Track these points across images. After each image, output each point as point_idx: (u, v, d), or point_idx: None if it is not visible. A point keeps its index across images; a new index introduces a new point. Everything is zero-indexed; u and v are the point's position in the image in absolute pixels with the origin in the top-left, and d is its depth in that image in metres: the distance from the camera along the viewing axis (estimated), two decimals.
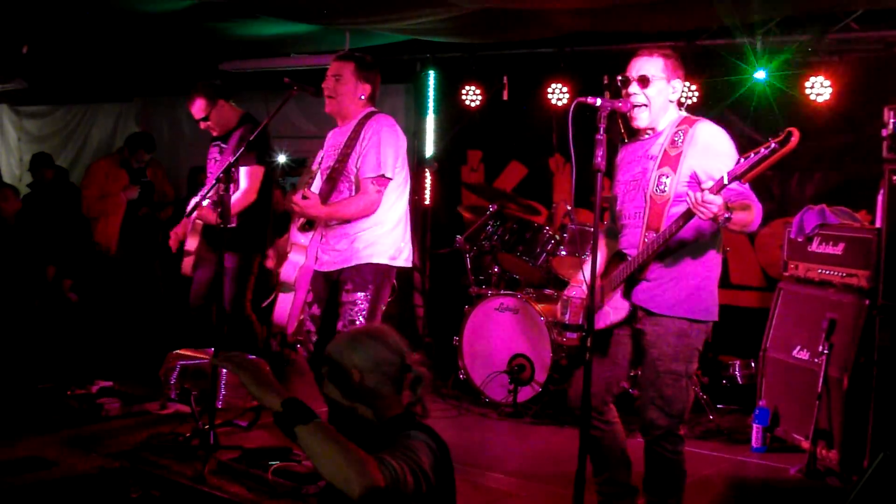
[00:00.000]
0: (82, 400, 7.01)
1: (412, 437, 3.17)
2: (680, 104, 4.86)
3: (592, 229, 4.42)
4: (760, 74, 8.21)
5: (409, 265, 6.12)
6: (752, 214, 4.42)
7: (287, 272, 5.96)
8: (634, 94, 4.69)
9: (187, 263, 7.29)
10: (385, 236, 5.87)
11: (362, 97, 6.00)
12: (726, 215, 4.15)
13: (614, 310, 4.77)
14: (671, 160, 4.61)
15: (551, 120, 9.52)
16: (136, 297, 9.61)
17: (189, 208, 6.88)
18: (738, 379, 7.85)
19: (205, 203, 6.88)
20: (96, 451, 6.04)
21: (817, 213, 6.94)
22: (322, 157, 6.08)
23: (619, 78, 4.75)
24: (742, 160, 4.06)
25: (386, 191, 5.83)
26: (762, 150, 3.99)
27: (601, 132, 4.22)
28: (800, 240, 6.95)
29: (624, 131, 6.48)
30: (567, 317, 7.86)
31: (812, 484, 6.20)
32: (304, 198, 5.72)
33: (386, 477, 2.92)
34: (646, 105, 4.69)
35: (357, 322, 5.74)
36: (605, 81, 7.97)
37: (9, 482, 5.22)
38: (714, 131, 4.66)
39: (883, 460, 2.71)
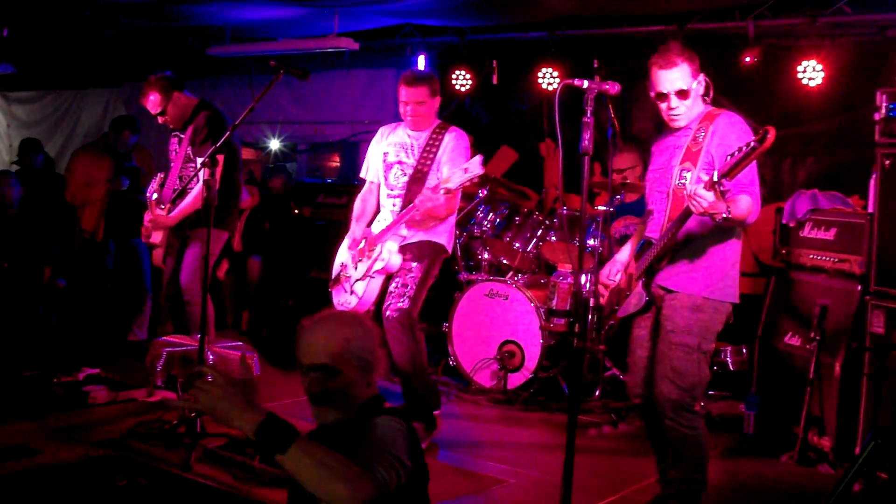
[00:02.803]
0: (68, 387, 6.98)
1: (387, 427, 3.12)
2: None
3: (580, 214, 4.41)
4: (751, 57, 8.17)
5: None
6: (747, 210, 4.53)
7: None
8: (676, 107, 4.80)
9: (157, 256, 7.31)
10: (445, 223, 6.52)
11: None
12: (724, 215, 4.29)
13: (636, 300, 4.93)
14: (692, 155, 4.73)
15: (542, 104, 9.48)
16: (122, 284, 9.55)
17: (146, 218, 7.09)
18: (730, 365, 7.82)
19: (154, 196, 7.10)
20: (82, 438, 6.00)
21: (809, 198, 6.90)
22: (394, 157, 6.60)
23: (654, 94, 4.85)
24: (728, 157, 4.19)
25: None
26: (743, 148, 4.13)
27: (588, 115, 4.19)
28: (791, 225, 6.91)
29: (614, 119, 6.46)
30: (554, 302, 7.87)
31: (803, 470, 6.18)
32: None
33: (376, 486, 2.89)
34: (686, 114, 4.83)
35: (409, 286, 6.28)
36: (595, 65, 7.91)
37: None
38: (728, 124, 4.75)
39: (874, 448, 2.67)
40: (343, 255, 6.65)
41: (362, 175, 6.80)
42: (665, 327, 4.79)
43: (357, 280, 6.43)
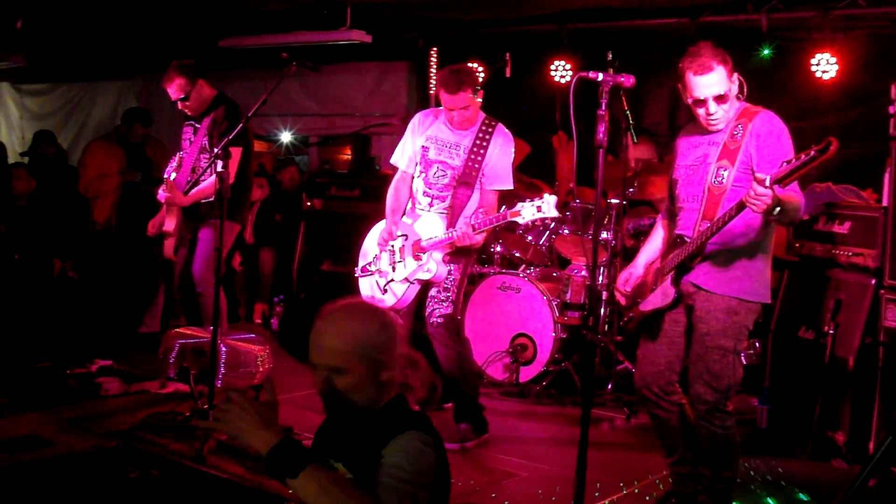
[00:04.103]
0: (81, 379, 7.00)
1: (409, 449, 2.97)
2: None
3: (594, 208, 4.40)
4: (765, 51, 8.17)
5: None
6: (798, 210, 4.49)
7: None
8: (714, 111, 4.68)
9: (169, 246, 7.28)
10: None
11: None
12: (778, 209, 4.21)
13: (662, 296, 4.86)
14: (730, 153, 4.66)
15: (554, 97, 9.46)
16: (134, 275, 9.56)
17: (160, 192, 7.09)
18: (743, 359, 7.78)
19: (172, 177, 7.10)
20: (94, 430, 6.01)
21: (823, 192, 6.87)
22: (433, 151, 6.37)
23: (690, 100, 4.72)
24: (784, 164, 4.10)
25: None
26: (802, 156, 4.04)
27: (603, 108, 4.17)
28: (805, 218, 6.88)
29: (628, 112, 6.42)
30: (568, 296, 7.84)
31: (816, 465, 6.16)
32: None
33: None
34: (725, 117, 4.72)
35: (450, 290, 6.28)
36: (608, 58, 7.90)
37: (6, 460, 5.20)
38: (770, 126, 4.67)
39: (891, 443, 2.66)
40: (375, 246, 6.53)
41: (394, 161, 6.56)
42: (700, 329, 4.76)
43: (395, 282, 6.33)
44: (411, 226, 6.33)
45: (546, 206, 5.78)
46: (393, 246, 6.36)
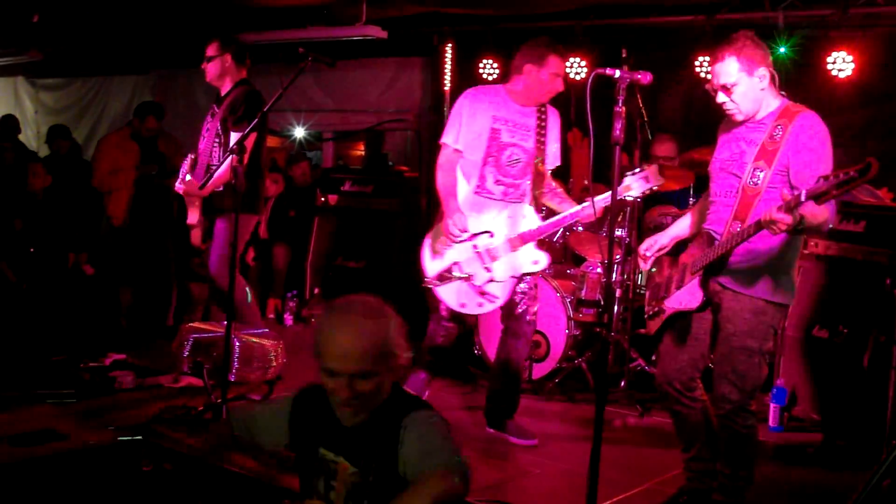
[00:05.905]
0: (95, 372, 7.02)
1: (433, 421, 3.10)
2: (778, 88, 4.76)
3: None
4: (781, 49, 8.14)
5: None
6: (824, 225, 4.40)
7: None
8: (723, 102, 4.67)
9: (196, 236, 7.26)
10: None
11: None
12: (800, 228, 4.19)
13: (689, 297, 4.85)
14: (768, 154, 4.59)
15: (569, 94, 9.43)
16: (149, 270, 9.59)
17: (177, 184, 7.07)
18: None
19: (188, 178, 7.04)
20: (108, 423, 6.02)
21: None
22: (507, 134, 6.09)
23: (707, 88, 4.73)
24: (821, 180, 3.97)
25: None
26: (841, 175, 3.91)
27: (620, 104, 4.16)
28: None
29: (643, 109, 6.40)
30: (584, 292, 7.83)
31: (829, 464, 6.14)
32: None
33: (464, 476, 3.00)
34: (737, 109, 4.67)
35: (535, 285, 6.27)
36: (624, 55, 7.88)
37: (20, 454, 5.22)
38: (810, 129, 4.55)
39: None
40: (452, 252, 6.10)
41: (449, 142, 6.08)
42: (726, 329, 4.73)
43: (495, 282, 6.04)
44: (494, 221, 6.06)
45: (653, 176, 5.66)
46: (478, 246, 6.05)
